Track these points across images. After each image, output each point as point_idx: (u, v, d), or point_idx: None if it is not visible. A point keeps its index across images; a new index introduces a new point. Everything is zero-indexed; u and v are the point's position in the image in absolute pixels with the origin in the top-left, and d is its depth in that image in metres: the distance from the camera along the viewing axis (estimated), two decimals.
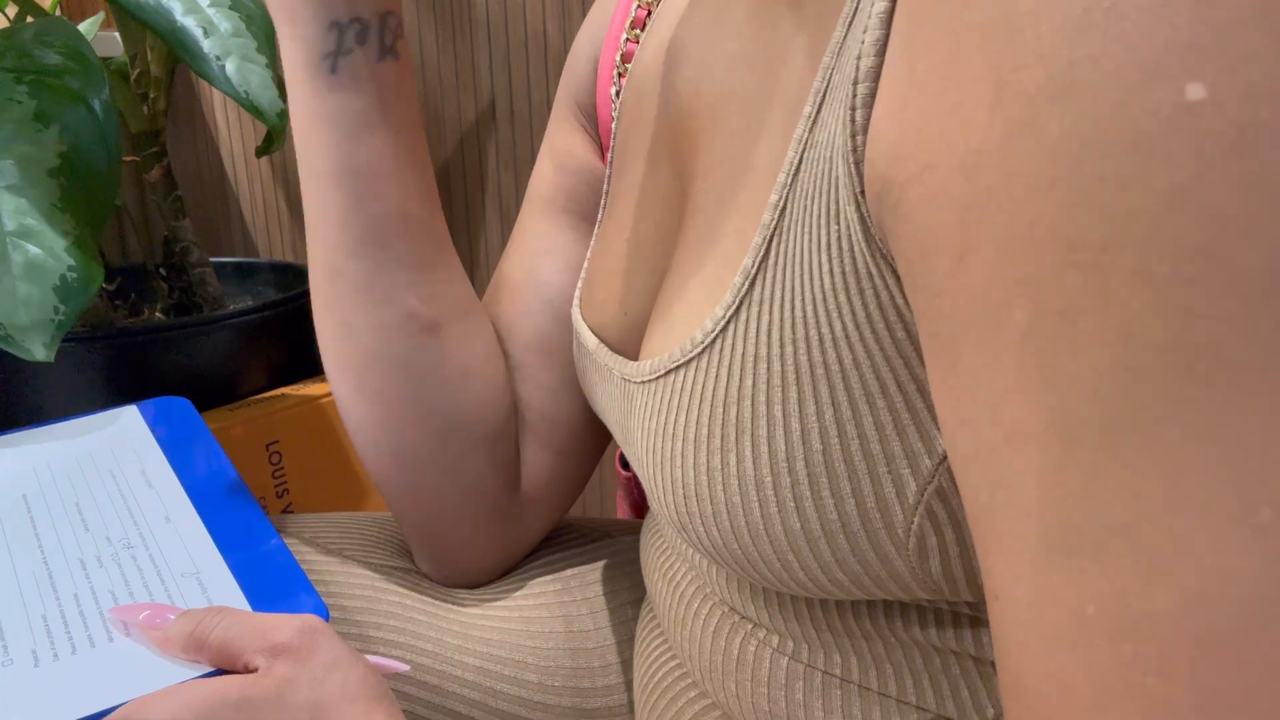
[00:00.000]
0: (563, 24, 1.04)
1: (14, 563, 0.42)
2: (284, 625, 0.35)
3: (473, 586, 0.52)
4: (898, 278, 0.27)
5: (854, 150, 0.27)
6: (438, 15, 1.13)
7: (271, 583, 0.42)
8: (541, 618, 0.50)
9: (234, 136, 1.40)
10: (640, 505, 0.65)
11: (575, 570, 0.53)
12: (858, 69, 0.27)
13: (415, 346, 0.47)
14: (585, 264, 0.50)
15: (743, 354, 0.32)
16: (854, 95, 0.27)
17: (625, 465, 0.64)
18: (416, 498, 0.49)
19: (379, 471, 0.49)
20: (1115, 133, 0.20)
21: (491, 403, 0.50)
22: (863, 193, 0.27)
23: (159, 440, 0.53)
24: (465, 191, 1.18)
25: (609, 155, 0.49)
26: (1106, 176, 0.20)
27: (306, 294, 1.09)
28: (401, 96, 0.44)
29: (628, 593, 0.53)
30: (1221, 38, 0.19)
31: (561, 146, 0.53)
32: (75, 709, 0.34)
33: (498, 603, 0.50)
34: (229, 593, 0.41)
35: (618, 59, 0.50)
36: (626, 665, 0.50)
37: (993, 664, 0.34)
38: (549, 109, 1.08)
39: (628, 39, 0.49)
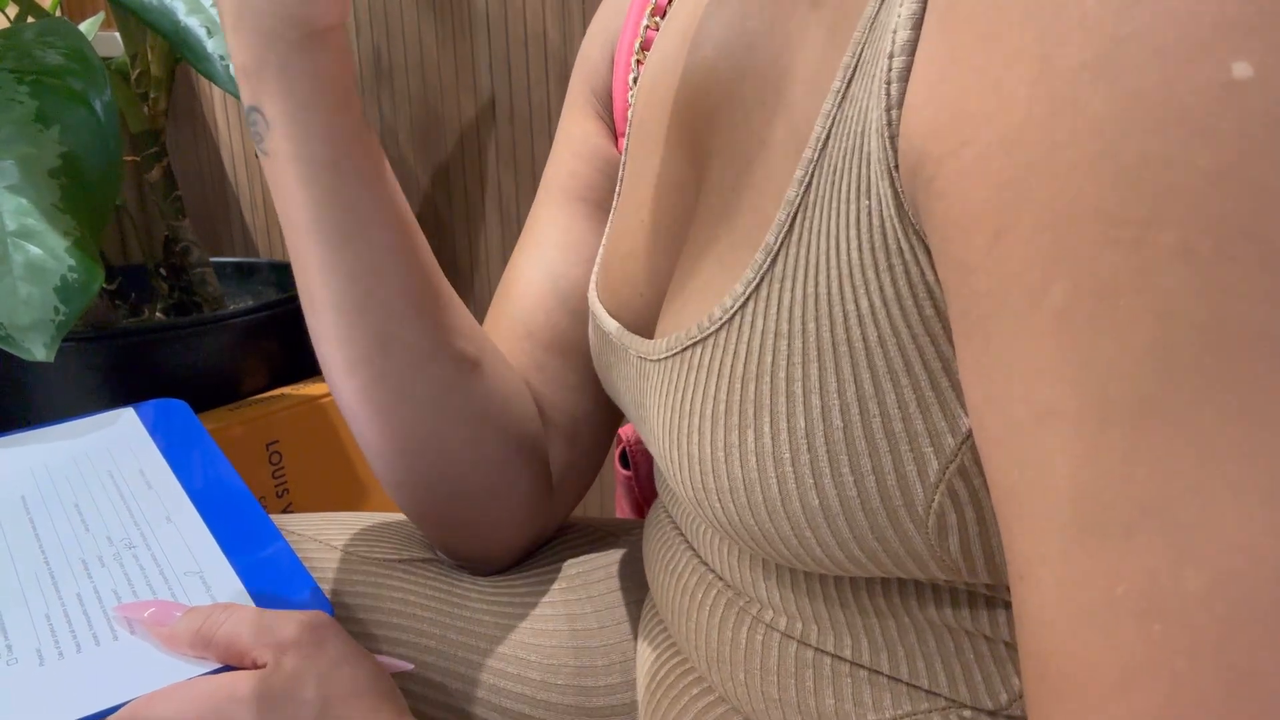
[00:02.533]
0: (563, 24, 1.04)
1: (15, 563, 0.42)
2: (291, 621, 0.35)
3: (486, 574, 0.52)
4: (929, 254, 0.27)
5: (889, 124, 0.27)
6: (438, 15, 1.13)
7: (275, 580, 0.42)
8: (545, 615, 0.50)
9: (234, 136, 1.39)
10: (641, 505, 0.65)
11: (579, 569, 0.54)
12: (893, 42, 0.26)
13: (468, 390, 0.47)
14: (601, 248, 0.50)
15: (763, 330, 0.32)
16: (889, 69, 0.26)
17: (625, 464, 0.65)
18: (447, 515, 0.49)
19: (412, 504, 0.49)
20: (1160, 110, 0.20)
21: (529, 419, 0.50)
22: (897, 167, 0.27)
23: (157, 441, 0.53)
24: (465, 191, 1.18)
25: (624, 141, 0.50)
26: (1150, 154, 0.20)
27: None
28: None
29: (631, 592, 0.53)
30: (1269, 16, 0.19)
31: (578, 134, 0.53)
32: (81, 707, 0.34)
33: (501, 601, 0.50)
34: (233, 591, 0.41)
35: (636, 46, 0.50)
36: (630, 664, 0.51)
37: (1007, 644, 0.34)
38: (549, 109, 1.09)
39: (648, 26, 0.50)
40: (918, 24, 0.26)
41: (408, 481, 0.47)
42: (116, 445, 0.52)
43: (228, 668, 0.36)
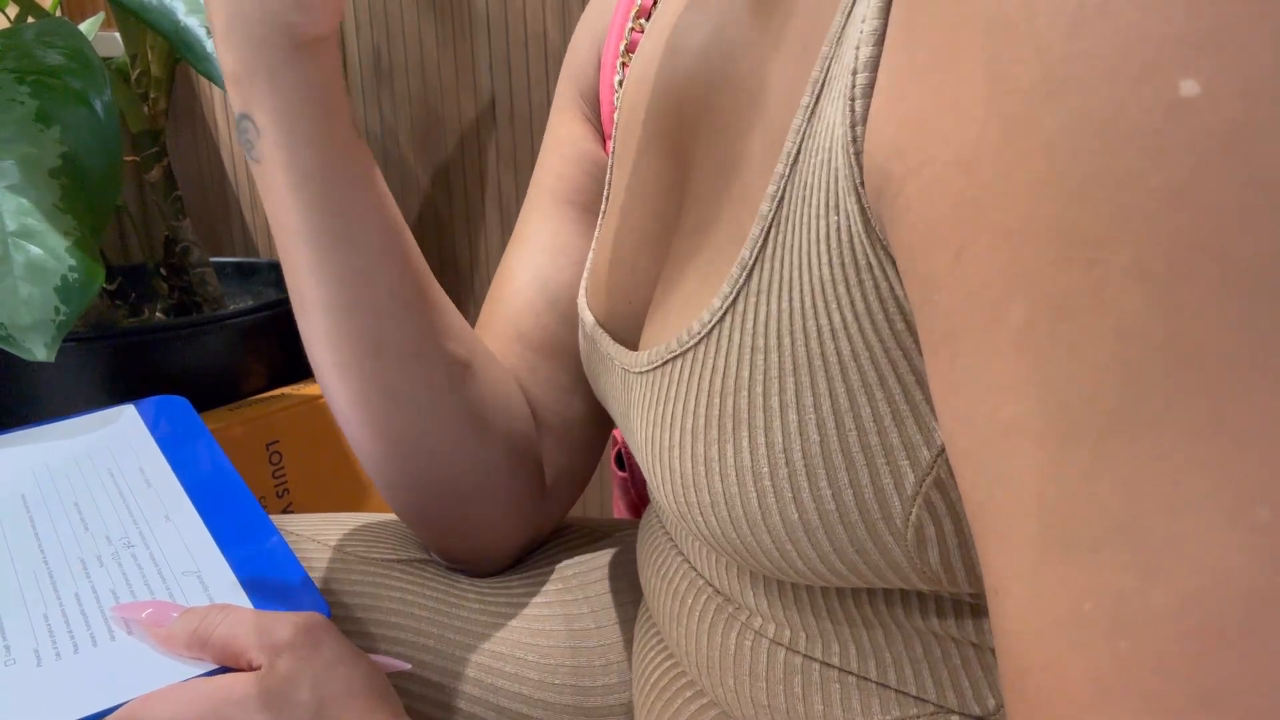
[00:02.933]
0: (563, 24, 1.04)
1: (14, 562, 0.42)
2: (287, 622, 0.36)
3: (481, 575, 0.52)
4: (897, 269, 0.27)
5: (854, 141, 0.27)
6: (438, 15, 1.13)
7: (273, 581, 0.42)
8: (542, 615, 0.50)
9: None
10: (637, 505, 0.65)
11: (576, 570, 0.54)
12: (856, 58, 0.26)
13: (459, 392, 0.47)
14: (590, 254, 0.50)
15: (739, 345, 0.32)
16: (853, 85, 0.26)
17: (621, 465, 0.65)
18: (439, 517, 0.49)
19: (404, 506, 0.49)
20: (1111, 129, 0.20)
21: (521, 421, 0.50)
22: (863, 184, 0.27)
23: (157, 439, 0.53)
24: (465, 191, 1.18)
25: (611, 144, 0.50)
26: (1102, 173, 0.20)
27: None
28: None
29: (628, 592, 0.53)
30: (1217, 34, 0.19)
31: (565, 137, 0.53)
32: (78, 708, 0.35)
33: (499, 601, 0.51)
34: (230, 591, 0.41)
35: (622, 48, 0.50)
36: (627, 664, 0.51)
37: (993, 651, 0.34)
38: (549, 109, 1.09)
39: (632, 28, 0.50)
40: (880, 40, 0.26)
41: (399, 483, 0.48)
42: (117, 443, 0.52)
43: (224, 669, 0.36)
